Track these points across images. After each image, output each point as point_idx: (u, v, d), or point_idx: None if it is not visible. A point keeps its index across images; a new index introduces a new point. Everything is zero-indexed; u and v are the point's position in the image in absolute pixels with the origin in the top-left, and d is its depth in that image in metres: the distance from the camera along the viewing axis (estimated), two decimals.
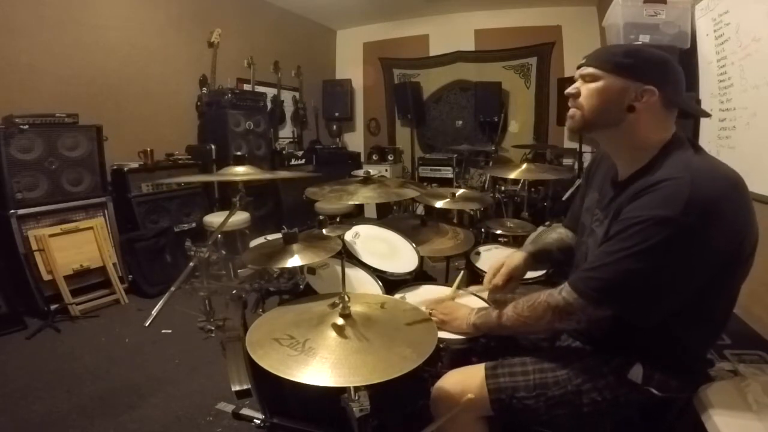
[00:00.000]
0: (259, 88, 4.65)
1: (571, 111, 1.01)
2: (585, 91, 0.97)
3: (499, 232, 2.24)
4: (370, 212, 5.50)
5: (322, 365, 0.85)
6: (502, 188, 3.82)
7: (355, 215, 4.72)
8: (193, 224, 3.61)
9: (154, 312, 1.12)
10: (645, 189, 0.87)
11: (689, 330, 0.94)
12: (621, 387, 0.95)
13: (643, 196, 0.86)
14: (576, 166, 4.46)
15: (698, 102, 2.14)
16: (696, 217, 0.80)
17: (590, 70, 0.96)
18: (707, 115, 1.07)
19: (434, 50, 5.77)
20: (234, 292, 1.31)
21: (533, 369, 1.03)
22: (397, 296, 1.41)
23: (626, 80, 0.92)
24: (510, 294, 1.24)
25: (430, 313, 1.21)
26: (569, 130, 1.23)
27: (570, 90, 1.00)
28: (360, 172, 2.47)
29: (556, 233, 1.36)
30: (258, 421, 1.28)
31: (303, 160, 4.92)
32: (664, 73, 0.92)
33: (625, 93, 0.92)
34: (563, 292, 0.96)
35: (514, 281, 1.25)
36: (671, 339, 0.94)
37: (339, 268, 1.11)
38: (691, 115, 1.03)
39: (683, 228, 0.80)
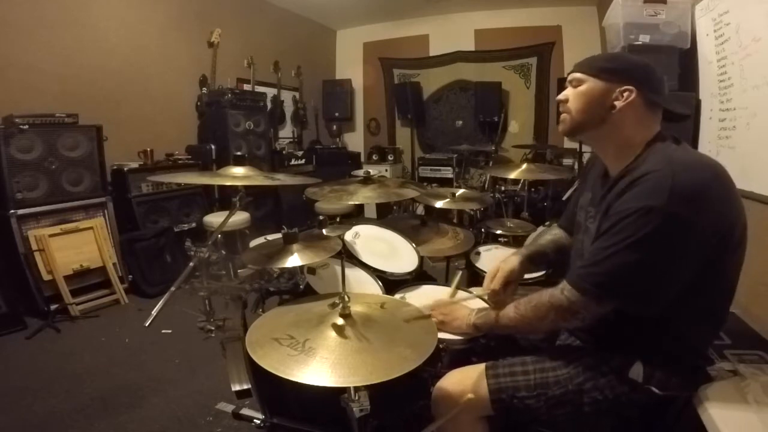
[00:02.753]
0: (259, 88, 4.65)
1: (562, 116, 1.08)
2: (572, 95, 1.04)
3: (499, 232, 2.24)
4: (370, 212, 5.50)
5: (322, 365, 0.85)
6: (502, 188, 3.82)
7: (355, 215, 4.72)
8: (193, 224, 3.61)
9: (154, 312, 1.12)
10: (630, 184, 0.90)
11: (689, 327, 0.95)
12: (622, 386, 0.96)
13: (630, 190, 0.90)
14: (576, 166, 4.46)
15: (698, 102, 2.14)
16: (680, 205, 0.83)
17: (577, 75, 1.04)
18: (687, 115, 1.11)
19: (434, 50, 5.77)
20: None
21: (534, 368, 1.03)
22: (397, 296, 1.40)
23: (608, 82, 0.99)
24: (510, 297, 1.24)
25: (430, 314, 1.21)
26: (561, 134, 1.27)
27: (560, 96, 1.07)
28: (360, 172, 2.47)
29: (550, 234, 1.38)
30: (258, 421, 1.28)
31: (303, 160, 4.92)
32: (642, 75, 0.99)
33: (608, 93, 0.99)
34: (565, 291, 0.96)
35: (512, 285, 1.25)
36: (672, 336, 0.95)
37: (339, 268, 1.11)
38: (676, 115, 1.06)
39: (670, 216, 0.83)
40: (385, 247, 1.71)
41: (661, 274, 0.88)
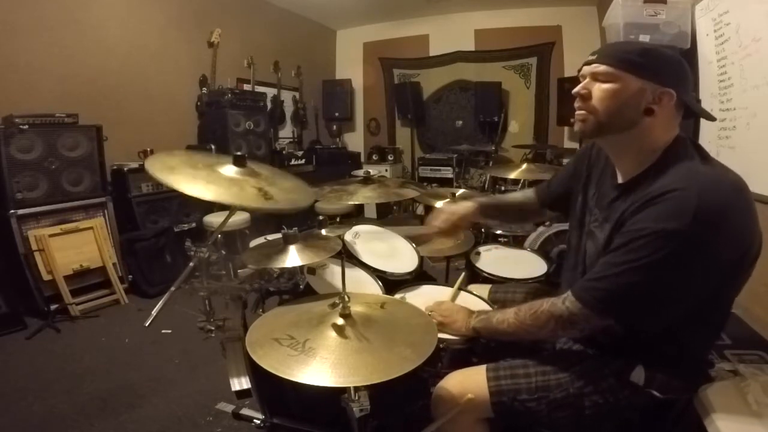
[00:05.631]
0: (259, 88, 4.65)
1: (581, 114, 0.95)
2: (599, 92, 0.92)
3: (499, 232, 2.24)
4: (370, 212, 5.50)
5: (322, 365, 0.85)
6: (502, 188, 3.81)
7: (355, 215, 4.72)
8: (193, 224, 3.61)
9: (154, 312, 1.12)
10: (651, 200, 0.84)
11: (691, 332, 0.94)
12: (622, 389, 0.95)
13: (649, 207, 0.84)
14: None
15: (698, 102, 2.14)
16: (704, 229, 0.79)
17: (605, 68, 0.91)
18: (713, 118, 1.04)
19: (434, 50, 5.77)
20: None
21: (535, 371, 1.02)
22: (397, 296, 1.40)
23: (644, 81, 0.88)
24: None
25: (429, 315, 1.21)
26: (580, 135, 1.11)
27: (580, 90, 0.95)
28: (360, 172, 2.47)
29: (521, 194, 1.36)
30: (258, 421, 1.28)
31: (303, 160, 4.92)
32: (680, 74, 0.91)
33: (643, 95, 0.88)
34: (567, 302, 0.95)
35: (458, 229, 1.24)
36: (673, 341, 0.94)
37: (339, 268, 1.11)
38: (695, 115, 1.01)
39: (691, 240, 0.79)
40: (385, 247, 1.71)
41: (670, 296, 0.85)
